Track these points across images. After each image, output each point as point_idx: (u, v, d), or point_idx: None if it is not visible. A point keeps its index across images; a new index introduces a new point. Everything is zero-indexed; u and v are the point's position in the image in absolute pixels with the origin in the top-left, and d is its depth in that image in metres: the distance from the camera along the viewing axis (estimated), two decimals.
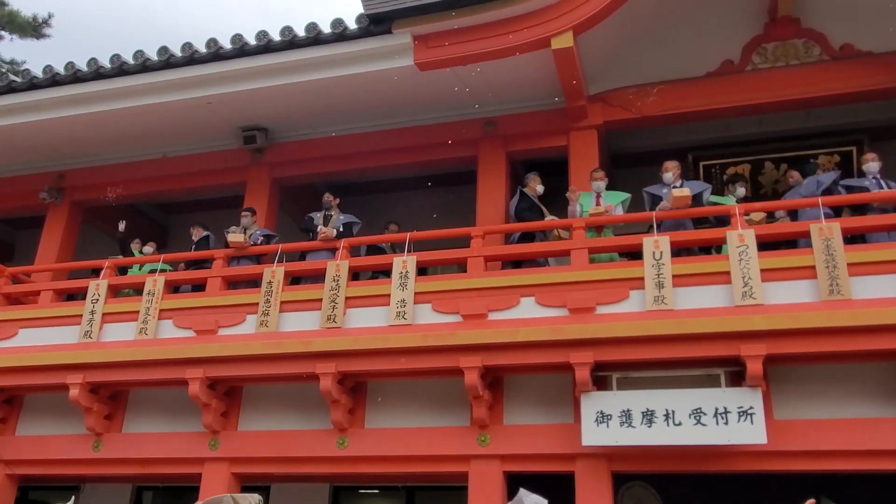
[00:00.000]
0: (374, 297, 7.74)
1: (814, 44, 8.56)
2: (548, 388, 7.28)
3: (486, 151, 9.09)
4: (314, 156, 9.68)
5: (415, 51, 8.10)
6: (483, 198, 8.86)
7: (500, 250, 8.14)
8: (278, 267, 8.16)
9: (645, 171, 8.91)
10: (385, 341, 7.35)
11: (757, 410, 6.42)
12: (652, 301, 6.89)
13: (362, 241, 8.68)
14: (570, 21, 7.69)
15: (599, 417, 6.74)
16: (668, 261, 7.00)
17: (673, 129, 9.47)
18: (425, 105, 9.12)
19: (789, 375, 6.75)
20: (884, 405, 6.51)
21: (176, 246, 10.96)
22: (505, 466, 7.14)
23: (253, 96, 8.89)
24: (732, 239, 6.93)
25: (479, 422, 7.18)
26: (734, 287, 6.76)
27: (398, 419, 7.60)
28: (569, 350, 6.83)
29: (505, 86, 8.71)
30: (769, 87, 8.50)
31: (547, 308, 7.23)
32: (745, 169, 9.58)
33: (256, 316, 7.97)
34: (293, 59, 8.43)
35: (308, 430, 7.74)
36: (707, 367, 6.77)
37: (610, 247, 7.73)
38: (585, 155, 8.68)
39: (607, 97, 8.86)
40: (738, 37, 8.74)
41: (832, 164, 9.30)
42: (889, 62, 8.17)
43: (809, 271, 6.68)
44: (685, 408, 6.56)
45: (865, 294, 6.50)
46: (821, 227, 6.78)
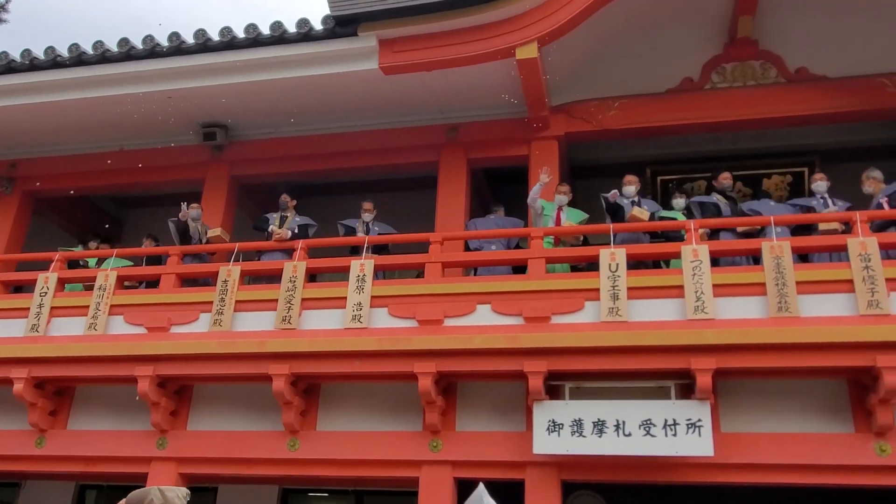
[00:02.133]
0: (331, 300, 7.70)
1: (771, 66, 8.77)
2: (501, 396, 7.32)
3: (448, 157, 9.11)
4: (275, 155, 9.59)
5: (380, 54, 8.10)
6: (443, 203, 8.88)
7: (458, 256, 8.16)
8: (234, 266, 8.07)
9: (604, 183, 9.01)
10: (340, 344, 7.31)
11: (705, 423, 6.54)
12: (607, 312, 6.98)
13: (320, 242, 8.62)
14: (536, 32, 7.76)
15: (551, 426, 6.80)
16: (624, 273, 7.09)
17: (633, 143, 9.61)
18: (389, 109, 9.12)
19: (737, 389, 6.89)
20: (827, 421, 6.68)
21: (130, 241, 10.76)
22: (456, 473, 7.15)
23: (214, 92, 8.78)
24: (686, 254, 7.05)
25: (432, 427, 7.19)
26: (687, 301, 6.87)
27: (350, 423, 7.56)
28: (523, 358, 6.88)
29: (469, 93, 8.75)
30: (727, 106, 8.68)
31: (503, 316, 7.27)
32: (702, 185, 9.77)
33: (210, 314, 7.87)
34: (257, 57, 8.36)
35: (259, 432, 7.66)
36: (658, 379, 6.88)
37: (567, 257, 7.82)
38: (546, 165, 8.71)
39: (569, 109, 8.96)
40: (699, 56, 8.92)
41: (785, 183, 9.54)
42: (842, 87, 8.41)
43: (760, 288, 6.83)
44: (635, 419, 6.65)
45: (812, 312, 6.66)
46: (772, 245, 6.94)
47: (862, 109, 8.40)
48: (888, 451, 6.39)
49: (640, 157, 9.82)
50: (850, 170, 8.58)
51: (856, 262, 6.72)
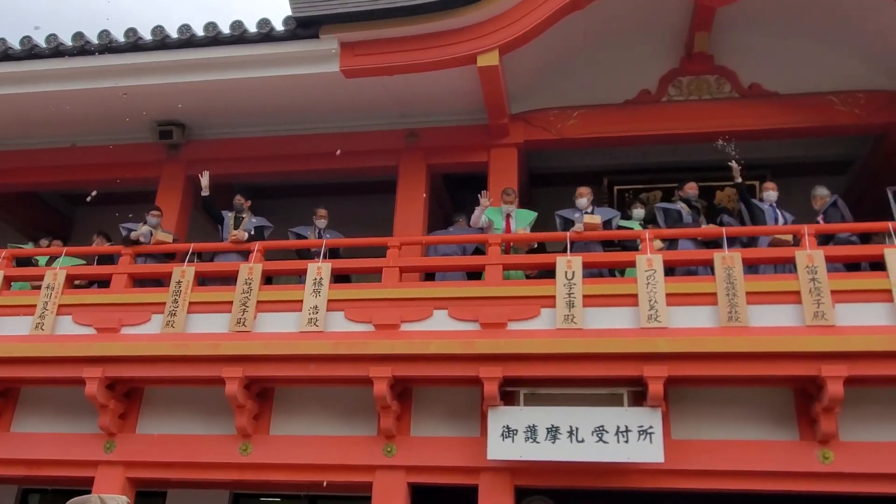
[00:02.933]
0: (287, 303, 7.64)
1: (725, 81, 8.97)
2: (456, 401, 7.33)
3: (408, 162, 9.12)
4: (233, 156, 9.49)
5: (341, 57, 8.08)
6: (402, 208, 8.88)
7: (416, 261, 8.17)
8: (188, 266, 7.95)
9: (562, 192, 9.12)
10: (295, 347, 7.26)
11: (656, 430, 6.64)
12: (562, 320, 7.04)
13: (277, 245, 8.55)
14: (497, 40, 7.82)
15: (505, 432, 6.83)
16: (580, 281, 7.17)
17: (591, 153, 9.73)
18: (349, 112, 9.09)
19: (688, 397, 7.01)
20: (774, 429, 6.83)
21: (81, 239, 10.53)
22: (410, 478, 7.13)
23: (171, 90, 8.65)
24: (641, 263, 7.16)
25: (386, 432, 7.17)
26: (641, 310, 6.98)
27: (304, 427, 7.50)
28: (479, 364, 6.91)
29: (430, 99, 8.78)
30: (683, 118, 8.86)
31: (459, 322, 7.30)
32: (657, 195, 9.94)
33: (163, 316, 7.74)
34: (216, 56, 8.28)
35: (210, 436, 7.55)
36: (611, 387, 6.96)
37: (524, 264, 7.88)
38: (505, 172, 8.83)
39: (529, 117, 9.04)
40: (656, 68, 9.09)
41: (736, 196, 9.72)
42: (792, 104, 8.65)
43: (711, 298, 6.97)
44: (589, 425, 6.72)
45: (761, 322, 6.82)
46: (724, 256, 7.09)
47: (811, 126, 8.64)
48: (831, 458, 6.57)
49: (598, 166, 9.96)
50: (800, 184, 8.84)
51: (803, 274, 6.90)
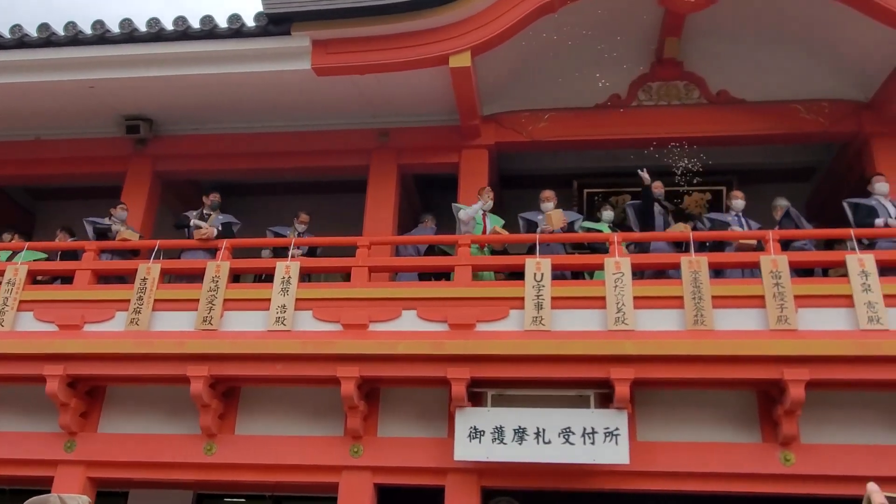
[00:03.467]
0: (254, 301, 7.57)
1: (694, 87, 9.08)
2: (424, 402, 7.32)
3: (379, 162, 9.10)
4: (201, 152, 9.38)
5: (312, 55, 8.03)
6: (372, 208, 8.86)
7: (385, 261, 8.15)
8: (154, 263, 7.84)
9: (532, 194, 9.14)
10: (262, 346, 7.19)
11: (622, 432, 6.69)
12: (530, 321, 7.07)
13: (246, 243, 8.47)
14: (470, 41, 7.83)
15: (472, 433, 6.84)
16: (549, 283, 7.20)
17: (561, 155, 9.79)
18: (320, 110, 9.05)
19: (653, 399, 7.07)
20: (737, 431, 6.93)
21: (44, 234, 10.33)
22: (376, 478, 7.11)
23: (139, 84, 8.54)
24: (609, 266, 7.21)
25: (353, 433, 7.13)
26: (608, 312, 7.03)
27: (270, 426, 7.44)
28: (447, 365, 6.91)
29: (401, 98, 8.77)
30: (652, 123, 8.95)
31: (428, 322, 7.28)
32: (625, 199, 10.02)
33: (127, 313, 7.61)
34: (185, 51, 8.18)
35: (174, 435, 7.45)
36: (578, 388, 7.00)
37: (494, 266, 7.89)
38: (476, 173, 8.84)
39: (501, 119, 9.07)
40: (627, 73, 9.17)
41: (704, 201, 9.88)
42: (759, 111, 8.78)
43: (678, 301, 7.04)
44: (555, 426, 6.76)
45: (726, 325, 6.91)
46: (690, 259, 7.17)
47: (777, 133, 8.78)
48: (792, 460, 6.68)
49: (568, 169, 10.01)
50: (766, 190, 8.97)
51: (767, 279, 7.00)
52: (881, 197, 7.83)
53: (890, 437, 6.76)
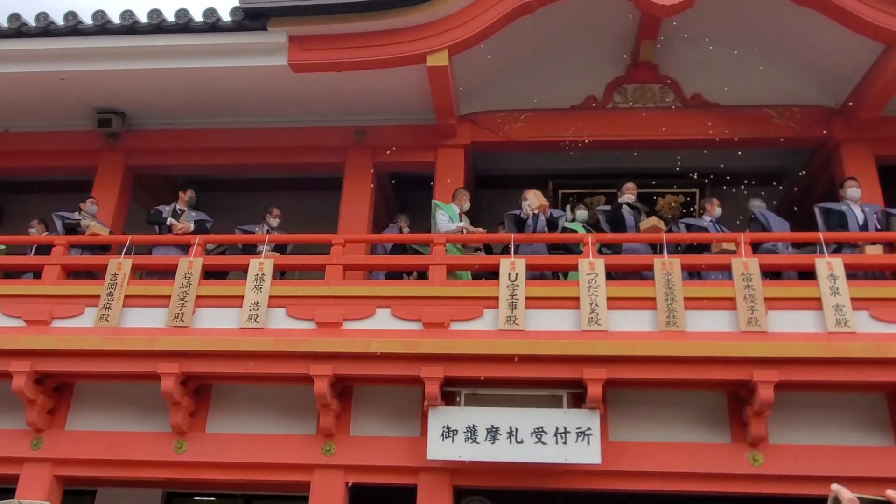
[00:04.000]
0: (227, 298, 7.50)
1: (669, 90, 9.16)
2: (397, 401, 7.31)
3: (354, 160, 9.07)
4: (174, 146, 9.28)
5: (289, 51, 7.98)
6: (347, 206, 8.82)
7: (360, 259, 8.13)
8: (125, 259, 7.75)
9: (508, 194, 9.18)
10: (235, 344, 7.13)
11: (594, 432, 6.73)
12: (504, 321, 7.08)
13: (218, 239, 8.40)
14: (447, 41, 7.83)
15: (445, 432, 6.84)
16: (523, 283, 7.23)
17: (537, 156, 9.82)
18: (296, 107, 8.99)
19: (625, 399, 7.13)
20: (707, 431, 7.00)
21: (14, 228, 10.16)
22: (348, 477, 7.09)
23: (112, 78, 8.43)
24: (583, 266, 7.26)
25: (326, 431, 7.11)
26: (582, 312, 7.06)
27: (242, 425, 7.38)
28: (420, 364, 6.90)
29: (378, 96, 8.74)
30: (627, 125, 9.01)
31: (402, 321, 7.27)
32: (599, 200, 10.09)
33: (97, 309, 7.52)
34: (159, 45, 8.09)
35: (144, 433, 7.36)
36: (551, 388, 7.03)
37: (468, 265, 7.90)
38: (452, 172, 8.84)
39: (477, 118, 9.08)
40: (603, 76, 9.22)
41: (677, 203, 9.97)
42: (732, 115, 8.88)
43: (651, 302, 7.10)
44: (528, 426, 6.78)
45: (697, 327, 6.98)
46: (663, 261, 7.23)
47: (749, 137, 8.88)
48: (760, 460, 6.77)
49: (544, 169, 10.05)
50: (738, 193, 9.07)
51: (738, 281, 7.08)
52: (851, 202, 7.96)
53: (856, 439, 6.88)
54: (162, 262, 8.03)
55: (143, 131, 9.37)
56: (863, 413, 6.98)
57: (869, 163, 8.52)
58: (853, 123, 8.59)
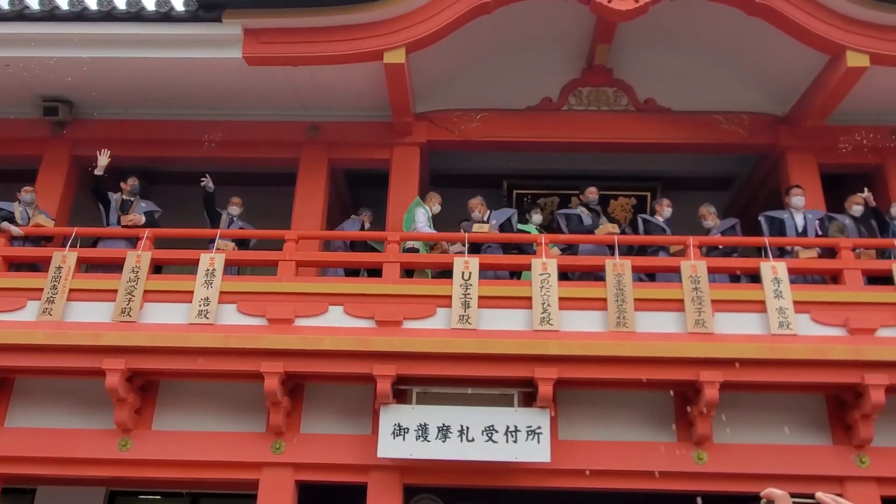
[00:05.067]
0: (176, 293, 7.38)
1: (622, 94, 9.29)
2: (348, 399, 7.29)
3: (309, 155, 8.98)
4: (124, 137, 9.05)
5: (244, 44, 7.85)
6: (301, 202, 8.74)
7: (313, 256, 8.06)
8: (70, 251, 7.56)
9: (462, 193, 9.20)
10: (183, 340, 7.02)
11: (544, 430, 6.81)
12: (457, 320, 7.11)
13: (168, 233, 8.24)
14: (405, 38, 7.80)
15: (396, 430, 6.84)
16: (476, 282, 7.26)
17: (492, 156, 9.85)
18: (250, 100, 8.87)
19: (575, 398, 7.22)
20: (654, 430, 7.14)
21: None
22: (298, 475, 7.04)
23: (59, 65, 8.18)
24: (536, 266, 7.32)
25: (275, 429, 7.04)
26: (534, 312, 7.13)
27: (190, 422, 7.27)
28: (372, 362, 6.89)
29: (334, 92, 8.68)
30: (581, 127, 9.11)
31: (355, 318, 7.25)
32: (553, 201, 10.19)
33: (39, 303, 7.32)
34: (109, 33, 7.89)
35: (87, 430, 7.20)
36: (503, 387, 7.08)
37: (422, 263, 7.91)
38: (407, 170, 8.84)
39: (433, 117, 9.08)
40: (559, 78, 9.30)
41: (629, 206, 10.12)
42: (683, 120, 9.04)
43: (602, 303, 7.20)
44: (479, 425, 6.82)
45: (647, 328, 7.10)
46: (614, 263, 7.34)
47: (699, 142, 9.06)
48: (705, 458, 6.92)
49: (499, 169, 10.10)
50: (687, 197, 9.25)
51: (687, 284, 7.23)
52: (794, 210, 8.19)
53: (796, 438, 7.09)
54: (109, 255, 7.85)
55: (92, 121, 9.14)
56: (803, 413, 7.20)
57: (812, 170, 8.77)
58: (798, 131, 8.82)
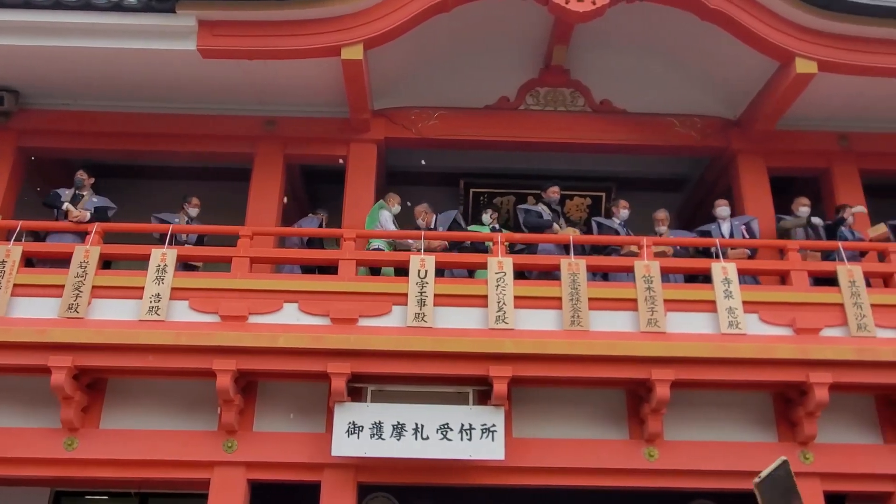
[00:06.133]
0: (126, 289, 7.23)
1: (579, 95, 9.38)
2: (302, 397, 7.23)
3: (264, 150, 8.87)
4: (74, 129, 8.83)
5: (198, 36, 7.72)
6: (256, 197, 8.62)
7: (267, 252, 7.97)
8: (14, 245, 7.35)
9: (419, 191, 9.20)
10: (133, 337, 6.88)
11: (499, 428, 6.84)
12: (413, 318, 7.10)
13: (118, 227, 8.05)
14: (363, 34, 7.76)
15: (351, 428, 6.81)
16: (432, 280, 7.26)
17: (449, 154, 9.86)
18: (205, 93, 8.71)
19: (530, 397, 7.27)
20: (607, 428, 7.24)
21: None
22: (250, 474, 6.95)
23: (5, 53, 7.94)
24: (492, 265, 7.35)
25: (228, 427, 6.95)
26: (489, 311, 7.16)
27: (139, 421, 7.13)
28: (327, 359, 6.85)
29: (291, 87, 8.59)
30: (538, 127, 9.17)
31: (310, 316, 7.20)
32: (510, 200, 10.24)
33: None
34: (58, 21, 7.66)
35: (31, 429, 7.01)
36: (458, 385, 7.10)
37: (378, 261, 7.88)
38: (364, 168, 8.80)
39: (391, 114, 9.05)
40: (516, 77, 9.35)
41: (584, 206, 10.23)
42: (638, 122, 9.17)
43: (557, 302, 7.26)
44: (434, 422, 6.83)
45: (600, 327, 7.19)
46: (569, 262, 7.41)
47: (653, 144, 9.20)
48: (655, 456, 7.04)
49: (456, 168, 10.11)
50: (641, 198, 9.38)
51: (640, 284, 7.33)
52: (721, 220, 8.46)
53: (745, 435, 7.26)
54: (55, 249, 7.65)
55: (39, 111, 8.87)
56: (751, 411, 7.37)
57: (762, 173, 8.98)
58: (749, 135, 9.02)
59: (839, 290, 7.47)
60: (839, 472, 7.10)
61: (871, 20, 7.77)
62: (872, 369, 7.03)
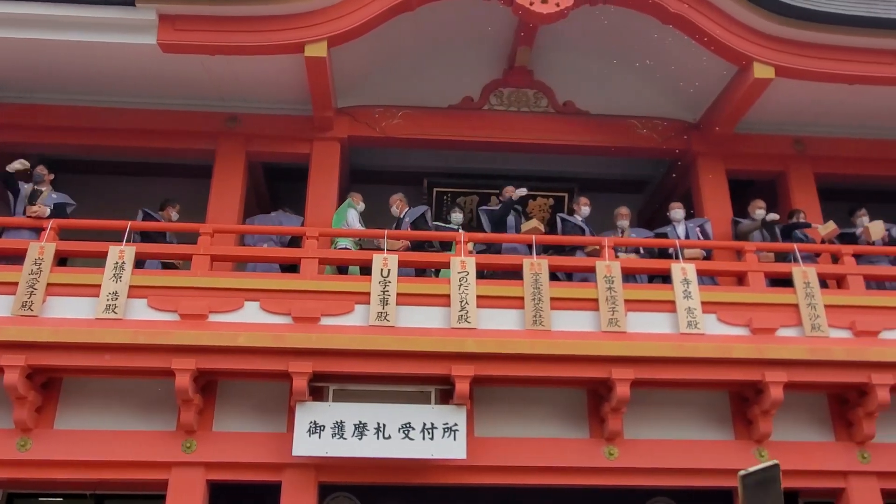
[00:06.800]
0: (82, 287, 7.09)
1: (542, 96, 9.44)
2: (263, 396, 7.16)
3: (226, 147, 8.77)
4: (32, 123, 8.64)
5: (159, 30, 7.60)
6: (217, 194, 8.52)
7: (228, 250, 7.89)
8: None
9: (382, 190, 9.17)
10: (89, 335, 6.75)
11: (460, 427, 6.86)
12: (375, 317, 7.09)
13: (74, 224, 7.90)
14: (327, 31, 7.71)
15: (312, 428, 6.77)
16: (395, 279, 7.25)
17: (413, 154, 9.87)
18: (166, 89, 8.60)
19: (491, 396, 7.30)
20: (570, 427, 7.30)
21: None
22: (209, 475, 6.87)
23: None
24: (455, 265, 7.36)
25: (186, 427, 6.86)
26: (452, 310, 7.17)
27: (95, 421, 7.00)
28: (289, 358, 6.80)
29: (253, 84, 8.51)
30: (501, 128, 9.21)
31: (271, 314, 7.14)
32: (473, 200, 10.28)
33: None
34: (14, 13, 7.50)
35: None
36: (420, 385, 7.10)
37: (340, 260, 7.85)
38: (327, 166, 8.75)
39: (354, 112, 9.02)
40: (480, 77, 9.38)
41: (547, 206, 10.31)
42: (600, 123, 9.26)
43: (519, 301, 7.30)
44: (396, 422, 6.82)
45: (562, 326, 7.25)
46: (532, 262, 7.45)
47: (615, 146, 9.29)
48: (615, 454, 7.11)
49: (419, 167, 10.12)
50: (603, 199, 9.47)
51: (601, 284, 7.41)
52: (676, 223, 8.62)
53: (702, 433, 7.37)
54: (9, 245, 7.48)
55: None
56: (708, 409, 7.49)
57: (721, 175, 9.13)
58: (709, 138, 9.17)
59: (794, 291, 7.63)
60: (793, 469, 7.21)
61: (827, 27, 7.94)
62: (825, 368, 7.20)
